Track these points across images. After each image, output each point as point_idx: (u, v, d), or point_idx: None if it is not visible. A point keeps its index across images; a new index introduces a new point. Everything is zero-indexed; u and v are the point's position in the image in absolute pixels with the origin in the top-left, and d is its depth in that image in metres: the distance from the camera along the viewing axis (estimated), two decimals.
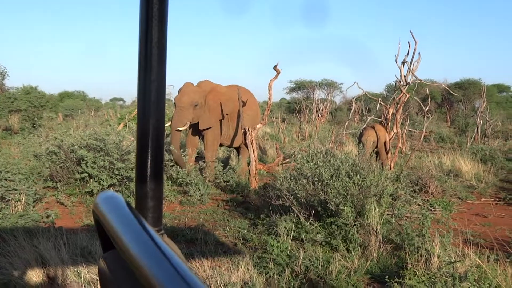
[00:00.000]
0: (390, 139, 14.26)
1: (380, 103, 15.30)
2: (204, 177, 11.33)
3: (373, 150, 13.94)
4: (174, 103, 12.15)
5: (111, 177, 9.55)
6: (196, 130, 12.28)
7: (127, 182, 9.67)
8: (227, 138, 12.80)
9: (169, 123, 12.16)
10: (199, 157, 14.26)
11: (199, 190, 10.29)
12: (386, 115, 14.96)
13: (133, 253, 0.70)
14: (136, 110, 0.97)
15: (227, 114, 12.38)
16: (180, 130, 11.72)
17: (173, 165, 11.04)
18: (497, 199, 11.53)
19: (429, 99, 16.64)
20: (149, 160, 0.93)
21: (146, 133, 0.93)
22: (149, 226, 0.79)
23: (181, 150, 12.18)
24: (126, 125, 20.52)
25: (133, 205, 0.91)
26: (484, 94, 26.51)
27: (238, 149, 13.74)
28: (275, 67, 11.76)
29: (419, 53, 13.82)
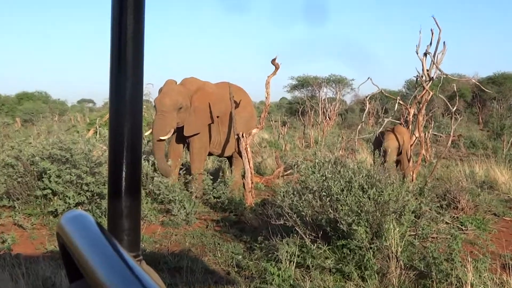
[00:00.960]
0: (411, 145, 14.28)
1: (399, 103, 15.34)
2: (190, 192, 11.30)
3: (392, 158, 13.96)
4: (154, 105, 12.09)
5: (79, 193, 9.54)
6: (180, 137, 12.21)
7: (98, 200, 9.65)
8: (217, 145, 12.76)
9: (150, 131, 12.13)
10: (184, 169, 14.24)
11: (185, 208, 10.27)
12: (406, 117, 15.03)
13: (105, 284, 0.70)
14: (108, 114, 0.97)
15: (217, 117, 12.34)
16: (163, 140, 11.68)
17: (153, 177, 11.02)
18: None
19: (457, 97, 16.72)
20: (124, 173, 0.93)
21: (121, 140, 0.93)
22: (125, 251, 0.79)
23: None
24: (96, 132, 20.53)
25: (106, 226, 0.91)
26: None
27: (230, 159, 13.71)
28: (273, 61, 11.78)
29: (444, 42, 13.87)
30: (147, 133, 12.92)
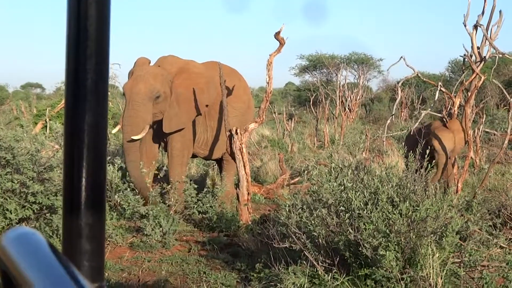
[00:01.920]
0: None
1: (440, 90, 15.32)
2: (168, 206, 11.28)
3: (430, 163, 13.99)
4: (123, 93, 12.01)
5: (24, 206, 9.53)
6: (156, 133, 12.11)
7: (48, 214, 9.66)
8: (204, 145, 12.72)
9: (118, 127, 12.06)
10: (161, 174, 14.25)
11: (160, 226, 10.28)
12: (450, 109, 15.01)
13: None
14: (63, 103, 0.97)
15: (206, 106, 12.27)
16: (137, 140, 11.58)
17: (120, 190, 10.98)
18: None
19: None
20: (83, 180, 0.93)
21: (79, 138, 0.93)
22: (85, 281, 0.79)
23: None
24: (46, 126, 20.56)
25: (60, 249, 0.91)
26: None
27: (220, 163, 13.72)
28: (277, 35, 11.75)
29: (500, 11, 13.86)
30: (114, 130, 12.84)
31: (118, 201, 10.89)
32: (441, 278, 7.10)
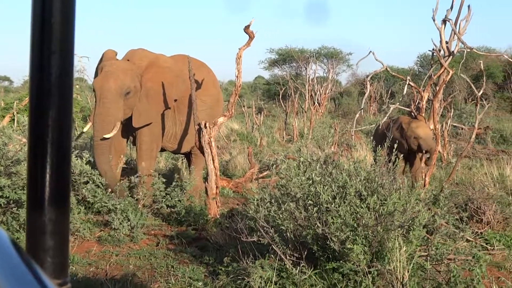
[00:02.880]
0: None
1: (408, 84, 15.40)
2: (137, 200, 11.26)
3: (400, 156, 14.05)
4: (93, 90, 11.91)
5: None
6: (125, 128, 12.02)
7: (14, 209, 9.59)
8: (172, 138, 12.68)
9: (89, 125, 11.95)
10: (129, 168, 14.20)
11: (128, 220, 10.25)
12: (418, 103, 15.09)
13: None
14: (28, 97, 0.96)
15: (175, 100, 12.23)
16: (108, 138, 11.47)
17: (88, 181, 10.92)
18: None
19: (484, 78, 16.80)
20: (47, 176, 0.92)
21: (44, 132, 0.92)
22: (48, 277, 0.79)
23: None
24: (14, 119, 20.41)
25: (23, 244, 0.91)
26: None
27: (188, 156, 13.68)
28: (246, 29, 11.73)
29: (468, 5, 13.95)
30: (85, 129, 12.72)
31: (86, 195, 10.83)
32: (408, 271, 7.13)
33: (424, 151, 14.04)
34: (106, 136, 11.25)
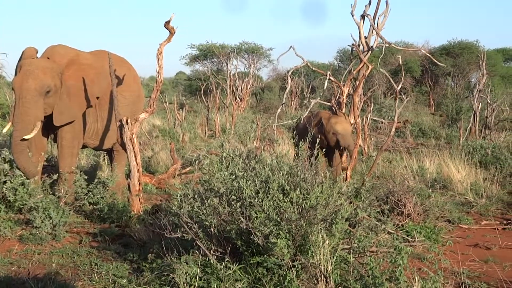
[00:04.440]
0: None
1: (329, 79, 15.52)
2: (58, 197, 11.12)
3: (321, 151, 14.16)
4: (13, 89, 11.65)
5: None
6: (46, 125, 11.80)
7: None
8: (94, 135, 12.51)
9: (9, 126, 11.71)
10: (50, 166, 14.01)
11: (50, 218, 10.10)
12: (339, 97, 15.23)
13: None
14: None
15: (97, 97, 12.10)
16: (28, 139, 11.22)
17: (6, 181, 10.73)
18: (505, 222, 11.91)
19: (403, 72, 17.06)
20: None
21: None
22: None
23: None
24: None
25: None
26: (484, 64, 26.76)
27: (110, 153, 13.55)
28: (167, 24, 11.66)
29: (386, 1, 14.13)
30: (5, 130, 12.42)
31: (6, 193, 10.66)
32: (331, 264, 7.18)
33: (341, 147, 14.19)
34: (26, 137, 10.98)
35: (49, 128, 11.88)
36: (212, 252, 7.69)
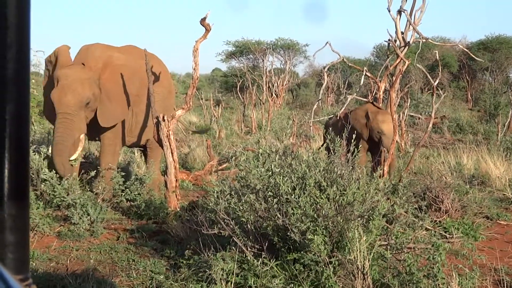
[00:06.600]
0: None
1: (365, 75, 15.46)
2: (96, 194, 11.16)
3: (365, 146, 14.09)
4: (51, 101, 11.47)
5: None
6: (89, 127, 11.74)
7: None
8: (129, 132, 12.46)
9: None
10: (88, 163, 14.08)
11: (88, 215, 10.17)
12: (375, 93, 15.18)
13: None
14: None
15: (136, 96, 12.13)
16: (75, 158, 11.28)
17: (46, 179, 10.75)
18: None
19: (440, 68, 16.90)
20: (6, 171, 0.91)
21: (1, 127, 0.91)
22: (9, 273, 0.78)
23: None
24: None
25: None
26: None
27: (144, 149, 13.54)
28: (202, 21, 11.68)
29: None
30: (73, 157, 12.27)
31: (45, 190, 10.73)
32: (369, 260, 7.16)
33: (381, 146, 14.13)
34: (73, 158, 11.15)
35: (92, 129, 11.84)
36: (248, 249, 7.68)
